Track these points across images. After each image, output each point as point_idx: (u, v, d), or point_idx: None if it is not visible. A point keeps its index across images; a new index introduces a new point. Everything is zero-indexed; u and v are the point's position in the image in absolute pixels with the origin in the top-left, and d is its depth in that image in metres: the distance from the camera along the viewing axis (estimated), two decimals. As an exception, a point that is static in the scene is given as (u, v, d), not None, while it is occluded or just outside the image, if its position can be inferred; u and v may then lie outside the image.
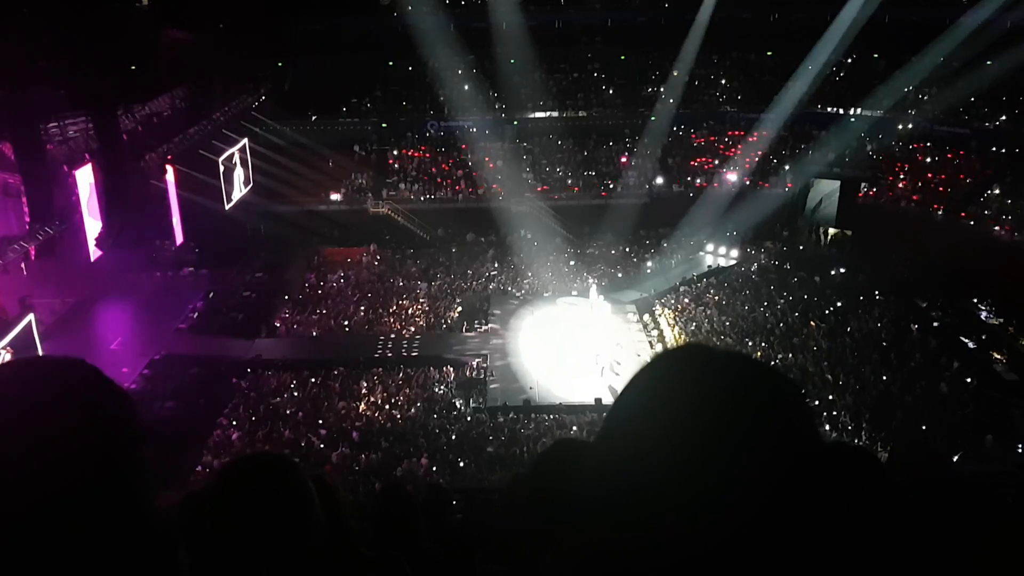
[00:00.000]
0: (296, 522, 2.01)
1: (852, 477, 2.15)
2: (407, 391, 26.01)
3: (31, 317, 22.50)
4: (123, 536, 1.21)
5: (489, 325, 31.44)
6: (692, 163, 44.69)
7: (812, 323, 29.93)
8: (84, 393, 1.24)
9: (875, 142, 43.60)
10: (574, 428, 23.14)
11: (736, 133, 45.90)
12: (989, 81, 38.62)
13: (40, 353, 21.81)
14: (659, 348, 28.71)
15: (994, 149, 40.29)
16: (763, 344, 28.47)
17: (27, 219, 26.71)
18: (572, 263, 37.35)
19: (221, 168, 35.89)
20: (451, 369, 27.79)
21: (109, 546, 1.19)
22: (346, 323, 31.65)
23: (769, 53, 48.09)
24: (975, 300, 31.28)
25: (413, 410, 24.79)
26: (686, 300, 33.17)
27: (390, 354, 28.67)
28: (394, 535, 4.21)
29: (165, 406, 23.62)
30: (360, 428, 23.23)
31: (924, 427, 22.63)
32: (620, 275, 36.53)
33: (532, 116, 46.18)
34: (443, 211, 41.67)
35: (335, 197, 41.67)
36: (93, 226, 28.92)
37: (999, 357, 27.64)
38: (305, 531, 2.01)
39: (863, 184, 40.87)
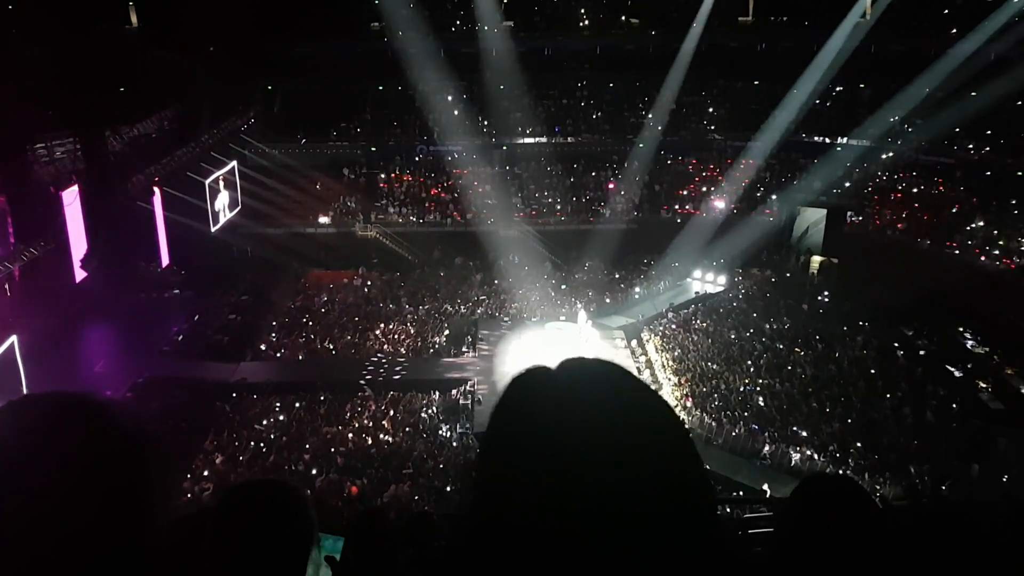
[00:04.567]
0: (297, 551, 2.00)
1: (837, 507, 2.12)
2: (393, 415, 25.86)
3: (14, 338, 22.30)
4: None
5: (477, 350, 31.34)
6: (679, 190, 44.90)
7: (798, 350, 29.99)
8: (93, 436, 1.21)
9: (861, 171, 43.94)
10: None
11: (724, 161, 46.17)
12: (973, 111, 39.00)
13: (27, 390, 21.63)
14: (647, 373, 28.73)
15: (979, 179, 40.62)
16: (751, 370, 28.49)
17: (12, 239, 26.57)
18: (561, 287, 37.39)
19: (208, 190, 35.84)
20: (438, 394, 27.66)
21: None
22: (332, 347, 31.49)
23: (756, 82, 48.52)
24: (960, 329, 31.44)
25: (400, 435, 24.62)
26: (673, 326, 33.18)
27: (380, 379, 28.51)
28: (369, 562, 4.13)
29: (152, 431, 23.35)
30: (345, 453, 23.04)
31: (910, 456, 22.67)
32: (608, 300, 36.54)
33: (521, 141, 46.39)
34: (432, 235, 41.70)
35: (323, 220, 41.66)
36: (78, 247, 28.78)
37: (984, 385, 27.75)
38: (304, 560, 2.01)
39: (849, 212, 41.22)
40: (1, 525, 1.10)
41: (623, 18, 52.29)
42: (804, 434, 24.16)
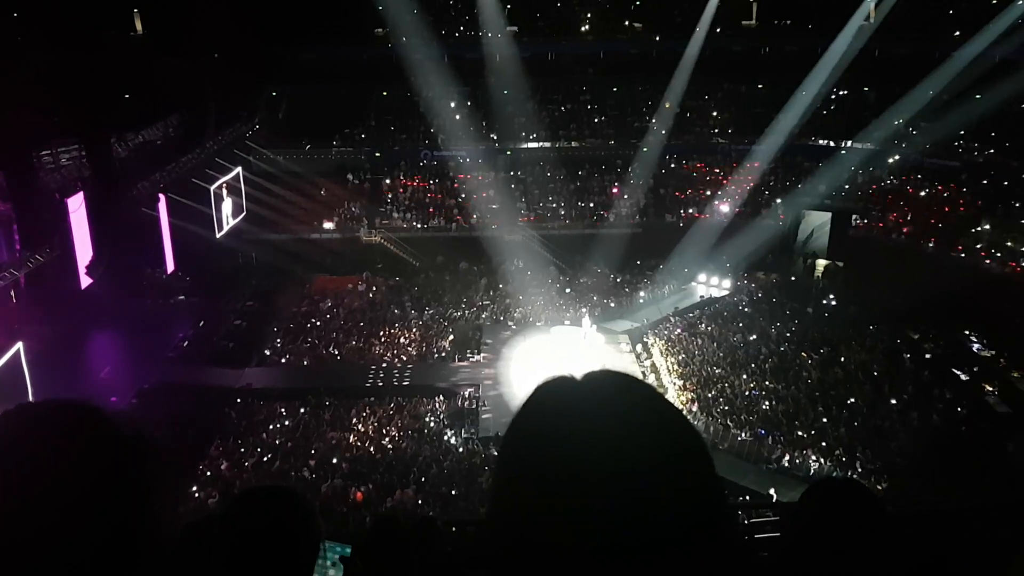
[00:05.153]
0: (303, 556, 2.01)
1: (845, 511, 2.11)
2: (398, 421, 25.86)
3: (20, 345, 22.32)
4: None
5: (481, 354, 31.33)
6: (683, 194, 44.88)
7: (804, 354, 29.92)
8: (87, 441, 1.20)
9: (866, 174, 43.87)
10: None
11: (728, 164, 46.14)
12: (978, 115, 38.92)
13: (32, 397, 21.67)
14: (652, 377, 28.66)
15: (984, 182, 40.53)
16: (756, 374, 28.43)
17: (18, 246, 26.64)
18: (566, 291, 37.37)
19: (213, 197, 35.90)
20: (443, 399, 27.66)
21: None
22: (337, 352, 31.50)
23: (760, 85, 48.49)
24: (967, 332, 31.33)
25: (405, 441, 24.61)
26: (678, 330, 33.14)
27: (381, 384, 28.54)
28: (385, 568, 4.12)
29: (154, 436, 23.34)
30: (350, 459, 23.04)
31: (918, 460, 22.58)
32: (612, 305, 36.50)
33: (525, 146, 46.43)
34: (436, 240, 41.72)
35: (328, 225, 41.73)
36: (84, 254, 28.83)
37: (991, 389, 27.64)
38: (311, 565, 2.01)
39: (854, 216, 41.13)
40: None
41: (627, 22, 52.34)
42: (810, 438, 24.10)
